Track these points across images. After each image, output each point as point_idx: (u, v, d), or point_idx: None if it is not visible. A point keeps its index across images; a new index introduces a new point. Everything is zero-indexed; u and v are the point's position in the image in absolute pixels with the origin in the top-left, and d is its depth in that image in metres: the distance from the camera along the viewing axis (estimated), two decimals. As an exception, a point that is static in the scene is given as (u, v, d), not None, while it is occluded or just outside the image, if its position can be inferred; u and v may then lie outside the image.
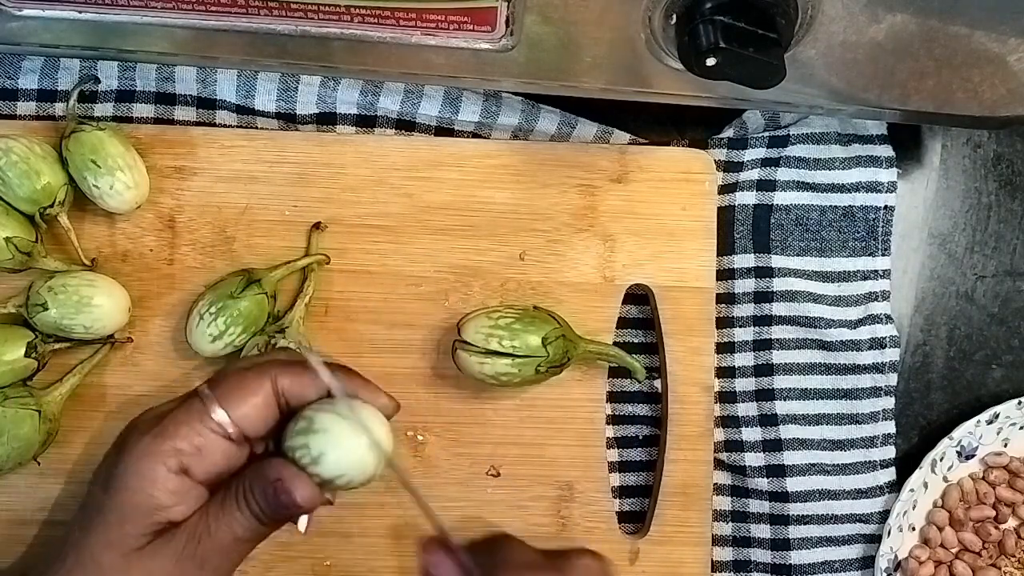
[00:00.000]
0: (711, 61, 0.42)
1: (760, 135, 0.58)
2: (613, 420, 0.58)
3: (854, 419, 0.57)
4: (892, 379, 0.57)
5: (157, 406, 0.45)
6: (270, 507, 0.41)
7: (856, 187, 0.57)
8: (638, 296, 0.57)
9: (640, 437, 0.58)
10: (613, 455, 0.57)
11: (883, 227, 0.57)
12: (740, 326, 0.57)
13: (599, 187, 0.56)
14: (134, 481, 0.41)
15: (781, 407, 0.57)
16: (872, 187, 0.57)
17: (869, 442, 0.57)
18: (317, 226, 0.55)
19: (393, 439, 0.43)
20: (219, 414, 0.42)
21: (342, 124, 0.56)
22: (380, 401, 0.45)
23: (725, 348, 0.57)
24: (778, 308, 0.57)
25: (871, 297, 0.57)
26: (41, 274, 0.52)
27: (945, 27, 0.44)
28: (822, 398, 0.57)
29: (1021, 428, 0.58)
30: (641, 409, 0.58)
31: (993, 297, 0.60)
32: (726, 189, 0.57)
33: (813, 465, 0.57)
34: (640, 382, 0.57)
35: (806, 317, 0.56)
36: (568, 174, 0.56)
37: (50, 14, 0.49)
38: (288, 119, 0.56)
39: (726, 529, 0.58)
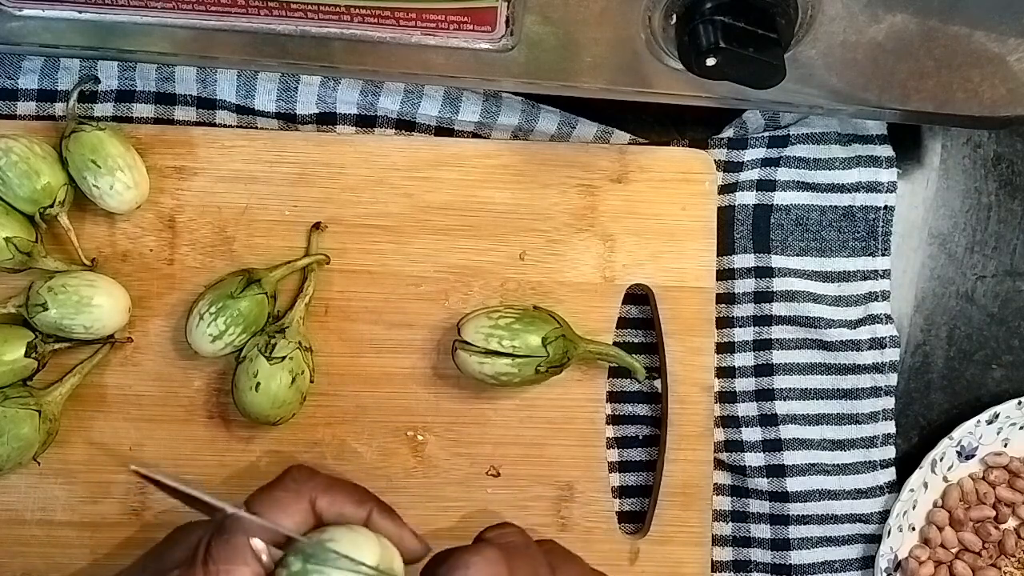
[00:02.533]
0: (711, 61, 0.42)
1: (760, 135, 0.58)
2: (613, 420, 0.58)
3: (854, 419, 0.57)
4: (892, 379, 0.57)
5: (200, 541, 0.42)
6: None
7: (856, 187, 0.57)
8: (638, 296, 0.57)
9: (640, 437, 0.58)
10: (613, 455, 0.57)
11: (883, 227, 0.57)
12: (740, 326, 0.57)
13: (599, 187, 0.56)
14: None
15: (781, 407, 0.57)
16: (872, 187, 0.57)
17: (869, 442, 0.57)
18: (317, 226, 0.55)
19: None
20: (257, 542, 0.41)
21: (342, 124, 0.56)
22: (406, 544, 0.43)
23: (725, 348, 0.57)
24: (778, 308, 0.57)
25: (871, 297, 0.57)
26: (41, 274, 0.52)
27: (945, 27, 0.44)
28: (822, 398, 0.57)
29: (1021, 428, 0.58)
30: (641, 409, 0.58)
31: (993, 297, 0.60)
32: (726, 189, 0.57)
33: (813, 465, 0.57)
34: (640, 382, 0.57)
35: (806, 317, 0.56)
36: (568, 174, 0.56)
37: (50, 14, 0.49)
38: (288, 119, 0.56)
39: (726, 529, 0.58)
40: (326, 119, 0.56)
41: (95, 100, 0.56)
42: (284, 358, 0.51)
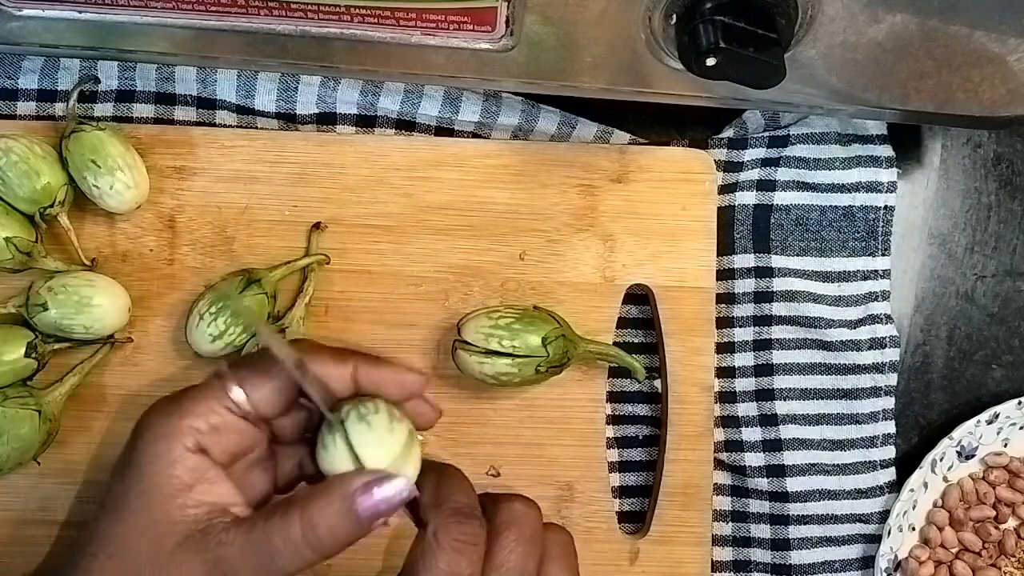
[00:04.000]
0: (711, 61, 0.42)
1: (760, 135, 0.58)
2: (613, 420, 0.58)
3: (854, 419, 0.57)
4: (892, 379, 0.57)
5: (175, 392, 0.43)
6: (348, 518, 0.39)
7: (856, 187, 0.57)
8: (638, 296, 0.57)
9: (640, 437, 0.58)
10: (613, 455, 0.57)
11: (883, 227, 0.57)
12: (740, 326, 0.57)
13: (599, 187, 0.56)
14: (151, 463, 0.40)
15: (781, 407, 0.57)
16: (872, 187, 0.57)
17: (869, 442, 0.57)
18: (317, 226, 0.55)
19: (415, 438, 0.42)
20: (236, 392, 0.41)
21: (342, 124, 0.56)
22: (405, 385, 0.42)
23: (725, 348, 0.57)
24: (778, 308, 0.57)
25: (871, 297, 0.57)
26: (41, 274, 0.52)
27: (945, 27, 0.44)
28: (822, 398, 0.57)
29: (1021, 428, 0.58)
30: (641, 409, 0.58)
31: (993, 297, 0.60)
32: (726, 189, 0.57)
33: (813, 465, 0.57)
34: (640, 382, 0.57)
35: (806, 317, 0.56)
36: (568, 174, 0.56)
37: (50, 14, 0.49)
38: (288, 119, 0.56)
39: (726, 529, 0.58)
40: (326, 119, 0.56)
41: (95, 100, 0.56)
42: (284, 358, 0.51)
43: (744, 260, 0.57)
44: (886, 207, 0.57)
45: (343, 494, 0.39)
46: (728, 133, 0.58)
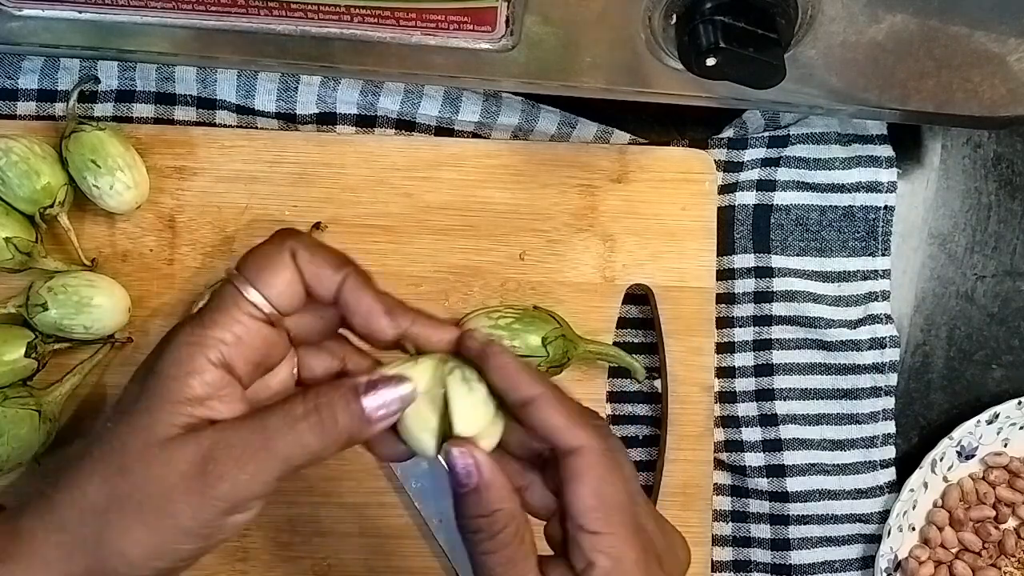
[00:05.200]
0: (711, 61, 0.42)
1: (760, 135, 0.58)
2: (613, 420, 0.58)
3: (854, 419, 0.57)
4: (892, 379, 0.57)
5: (200, 309, 0.42)
6: (346, 413, 0.39)
7: (856, 187, 0.57)
8: (638, 296, 0.57)
9: (640, 437, 0.58)
10: (613, 455, 0.57)
11: (883, 227, 0.57)
12: (740, 326, 0.57)
13: (599, 187, 0.56)
14: (172, 369, 0.39)
15: (781, 407, 0.57)
16: (872, 187, 0.57)
17: (869, 442, 0.57)
18: (317, 226, 0.55)
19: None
20: (253, 295, 0.40)
21: (342, 124, 0.56)
22: (372, 325, 0.42)
23: (725, 348, 0.57)
24: (778, 308, 0.57)
25: (871, 297, 0.57)
26: (41, 274, 0.52)
27: (945, 27, 0.44)
28: (822, 398, 0.57)
29: (1021, 428, 0.58)
30: (641, 409, 0.58)
31: (993, 297, 0.60)
32: (726, 189, 0.58)
33: (813, 465, 0.57)
34: (640, 382, 0.57)
35: (806, 317, 0.56)
36: (568, 174, 0.56)
37: (50, 14, 0.49)
38: (288, 119, 0.56)
39: (726, 529, 0.58)
40: (326, 119, 0.56)
41: (95, 100, 0.56)
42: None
43: (744, 260, 0.57)
44: (886, 207, 0.57)
45: (352, 384, 0.39)
46: (728, 133, 0.58)
